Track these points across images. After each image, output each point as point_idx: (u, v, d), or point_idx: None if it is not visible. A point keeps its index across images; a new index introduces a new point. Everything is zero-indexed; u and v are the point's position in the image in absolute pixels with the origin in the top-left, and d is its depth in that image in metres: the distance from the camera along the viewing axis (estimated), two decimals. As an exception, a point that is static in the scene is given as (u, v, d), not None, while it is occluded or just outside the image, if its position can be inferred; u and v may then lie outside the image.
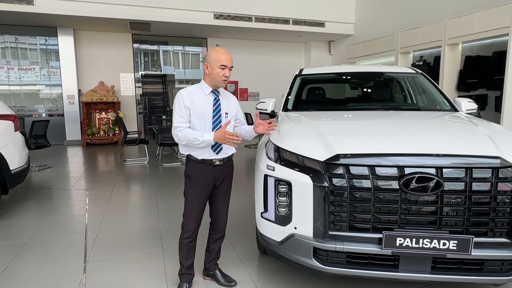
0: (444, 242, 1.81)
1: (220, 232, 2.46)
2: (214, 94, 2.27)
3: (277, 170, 2.15)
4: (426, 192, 1.82)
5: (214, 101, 2.25)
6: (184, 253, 2.33)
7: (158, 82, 13.96)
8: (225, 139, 2.09)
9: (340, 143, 2.06)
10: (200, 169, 2.24)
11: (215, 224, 2.44)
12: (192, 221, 2.29)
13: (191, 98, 2.20)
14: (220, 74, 2.17)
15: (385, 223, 1.90)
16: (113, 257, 2.89)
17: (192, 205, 2.28)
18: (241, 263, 2.76)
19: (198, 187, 2.26)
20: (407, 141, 2.08)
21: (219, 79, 2.19)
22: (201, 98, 2.22)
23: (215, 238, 2.47)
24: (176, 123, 2.18)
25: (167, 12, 8.54)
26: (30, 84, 9.54)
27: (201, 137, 2.13)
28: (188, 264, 2.36)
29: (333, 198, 1.93)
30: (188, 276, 2.38)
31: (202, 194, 2.27)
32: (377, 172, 1.89)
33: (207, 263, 2.52)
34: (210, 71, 2.19)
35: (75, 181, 5.54)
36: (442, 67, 6.55)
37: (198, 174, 2.25)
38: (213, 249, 2.49)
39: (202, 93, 2.24)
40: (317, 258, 2.02)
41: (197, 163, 2.24)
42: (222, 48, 2.25)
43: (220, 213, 2.42)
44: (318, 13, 9.86)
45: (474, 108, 3.18)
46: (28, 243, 3.17)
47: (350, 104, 3.44)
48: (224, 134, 2.09)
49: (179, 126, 2.18)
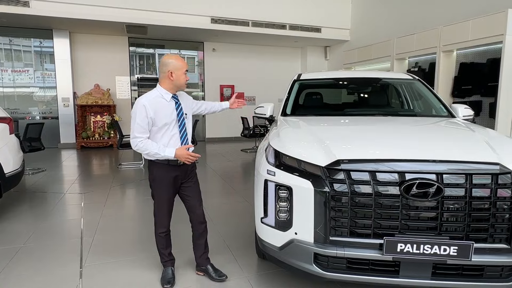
0: (445, 248, 1.81)
1: (201, 225, 2.56)
2: (175, 99, 2.39)
3: (278, 175, 2.15)
4: (427, 198, 1.83)
5: (176, 106, 2.36)
6: (163, 244, 2.51)
7: (154, 85, 13.90)
8: (186, 158, 2.29)
9: (341, 149, 2.06)
10: (165, 170, 2.36)
11: (194, 219, 2.54)
12: (164, 218, 2.45)
13: (154, 108, 2.28)
14: (186, 79, 2.35)
15: (386, 229, 1.91)
16: (109, 262, 2.85)
17: (162, 205, 2.42)
18: (239, 269, 2.74)
19: (165, 187, 2.39)
20: (408, 147, 2.09)
21: (184, 83, 2.35)
22: (164, 106, 2.31)
23: (198, 232, 2.57)
24: (137, 133, 2.26)
25: (164, 16, 8.54)
26: (24, 86, 9.46)
27: (163, 152, 2.27)
28: (168, 251, 2.54)
29: (334, 203, 1.93)
30: (170, 261, 2.56)
31: (169, 193, 2.41)
32: (378, 177, 1.90)
33: (198, 259, 2.62)
34: (175, 78, 2.30)
35: (70, 184, 5.48)
36: (437, 73, 6.62)
37: (163, 175, 2.37)
38: (199, 244, 2.59)
39: (163, 100, 2.33)
40: (317, 263, 2.01)
41: (162, 165, 2.35)
42: (176, 55, 2.47)
43: (195, 206, 2.53)
44: (315, 19, 9.94)
45: (470, 114, 3.22)
46: (23, 248, 3.12)
47: (348, 109, 3.46)
48: (187, 155, 2.28)
49: (139, 137, 2.27)
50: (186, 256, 2.85)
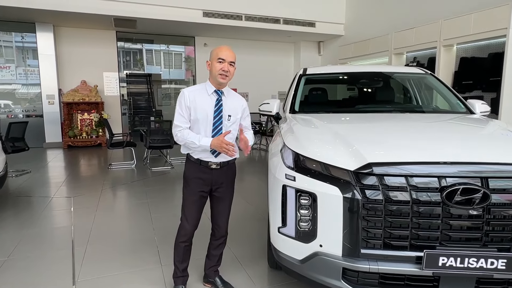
0: (492, 261, 1.62)
1: (221, 238, 2.35)
2: (217, 94, 2.16)
3: (298, 180, 1.92)
4: (472, 205, 1.62)
5: (216, 101, 2.15)
6: (180, 256, 2.27)
7: (143, 82, 13.50)
8: (222, 147, 2.05)
9: (370, 150, 1.85)
10: (196, 170, 2.17)
11: (215, 230, 2.33)
12: (187, 224, 2.21)
13: (193, 98, 2.12)
14: (218, 68, 2.08)
15: (425, 240, 1.70)
16: (106, 276, 2.58)
17: (188, 207, 2.22)
18: (250, 281, 2.51)
19: (193, 189, 2.19)
20: (447, 147, 1.88)
21: (216, 73, 2.09)
22: (203, 98, 2.15)
23: (216, 244, 2.36)
24: (177, 121, 2.14)
25: (154, 9, 8.17)
26: (5, 84, 8.96)
27: (198, 141, 2.08)
28: (184, 267, 2.31)
29: (366, 212, 1.72)
30: (183, 279, 2.32)
31: (196, 196, 2.19)
32: (415, 182, 1.69)
33: (207, 270, 2.41)
34: (211, 68, 2.13)
35: (58, 187, 5.13)
36: (438, 68, 6.49)
37: (193, 175, 2.18)
38: (214, 255, 2.38)
39: (205, 92, 2.16)
40: (346, 279, 1.79)
41: (193, 163, 2.18)
42: (225, 46, 2.16)
43: (220, 218, 2.30)
44: (309, 13, 9.72)
45: (487, 110, 3.06)
46: (6, 262, 2.80)
47: (360, 106, 3.25)
48: (221, 143, 2.04)
49: (179, 126, 2.13)
50: (193, 265, 2.60)
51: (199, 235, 2.36)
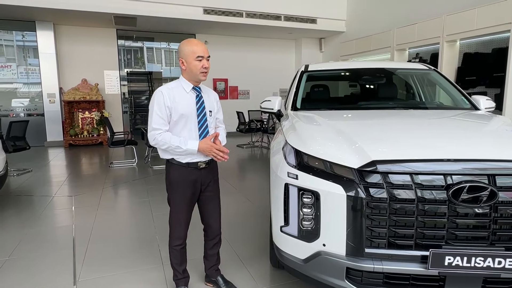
0: (500, 260, 1.58)
1: (216, 238, 2.30)
2: (196, 91, 2.07)
3: (301, 179, 1.88)
4: (479, 203, 1.59)
5: (197, 99, 2.07)
6: (178, 259, 2.22)
7: (144, 80, 13.45)
8: (211, 152, 2.00)
9: (374, 148, 1.81)
10: (183, 173, 2.07)
11: (208, 230, 2.28)
12: (181, 228, 2.16)
13: (172, 97, 1.99)
14: (198, 67, 1.98)
15: (430, 239, 1.67)
16: (107, 276, 2.55)
17: (179, 212, 2.13)
18: (252, 280, 2.48)
19: (183, 193, 2.10)
20: (453, 144, 1.83)
21: (198, 72, 2.00)
22: (183, 97, 2.04)
23: (211, 244, 2.31)
24: (155, 124, 1.99)
25: (155, 6, 8.13)
26: (6, 83, 8.95)
27: (185, 145, 1.98)
28: (183, 268, 2.26)
29: (370, 210, 1.68)
30: (184, 280, 2.28)
31: (187, 199, 2.12)
32: (421, 180, 1.65)
33: (208, 270, 2.37)
34: (187, 66, 2.00)
35: (59, 186, 5.12)
36: (440, 64, 6.43)
37: (181, 179, 2.08)
38: (211, 255, 2.33)
39: (182, 90, 2.05)
40: (349, 279, 1.76)
41: (180, 167, 2.07)
42: (193, 39, 2.05)
43: (212, 218, 2.25)
44: (310, 9, 9.65)
45: (492, 106, 3.02)
46: (7, 261, 2.79)
47: (363, 102, 3.21)
48: (211, 147, 2.00)
49: (158, 129, 2.00)
50: (193, 265, 2.58)
51: (191, 234, 2.31)
